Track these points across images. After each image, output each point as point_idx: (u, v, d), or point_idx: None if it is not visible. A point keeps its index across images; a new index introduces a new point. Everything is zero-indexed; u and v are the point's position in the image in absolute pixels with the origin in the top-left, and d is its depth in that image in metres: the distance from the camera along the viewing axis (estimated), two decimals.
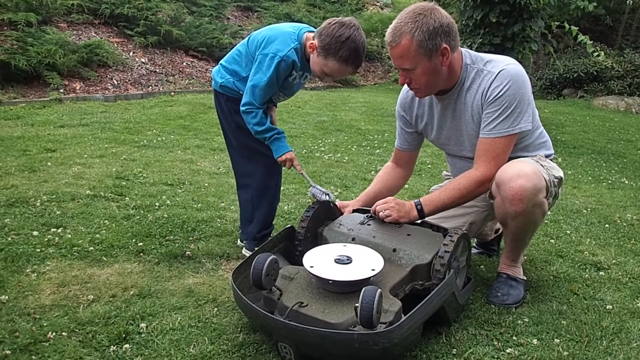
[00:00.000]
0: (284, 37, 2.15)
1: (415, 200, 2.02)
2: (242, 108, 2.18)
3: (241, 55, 2.26)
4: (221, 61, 2.35)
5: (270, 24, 2.46)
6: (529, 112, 1.96)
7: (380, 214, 2.01)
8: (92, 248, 2.35)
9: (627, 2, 10.81)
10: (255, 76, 2.15)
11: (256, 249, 2.35)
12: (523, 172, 1.88)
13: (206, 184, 3.45)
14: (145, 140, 4.51)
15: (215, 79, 2.33)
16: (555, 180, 2.09)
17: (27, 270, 2.11)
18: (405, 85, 2.07)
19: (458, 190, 1.99)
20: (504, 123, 1.93)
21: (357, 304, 1.47)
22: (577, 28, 6.45)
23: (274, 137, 2.21)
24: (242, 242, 2.51)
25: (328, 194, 2.17)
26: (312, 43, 2.10)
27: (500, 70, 1.95)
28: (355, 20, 2.10)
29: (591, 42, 6.54)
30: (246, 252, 2.41)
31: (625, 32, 12.37)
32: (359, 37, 2.05)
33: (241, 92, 2.25)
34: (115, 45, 7.34)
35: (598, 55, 6.68)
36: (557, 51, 11.01)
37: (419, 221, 2.05)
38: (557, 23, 6.65)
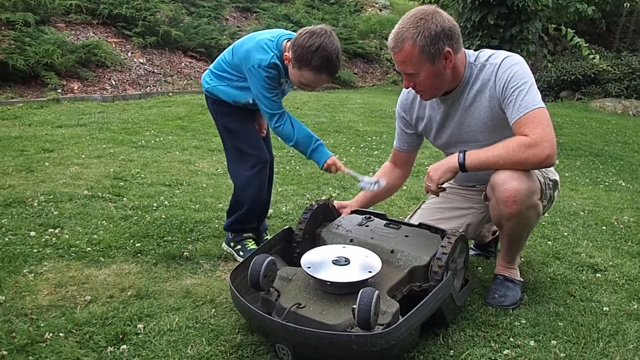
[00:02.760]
0: (263, 46, 2.16)
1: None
2: (271, 126, 2.21)
3: (227, 64, 2.29)
4: (210, 66, 2.39)
5: (269, 25, 2.49)
6: (538, 93, 1.92)
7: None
8: (89, 249, 2.34)
9: (625, 5, 10.84)
10: (254, 89, 2.17)
11: (239, 245, 2.40)
12: (517, 174, 1.88)
13: (204, 185, 3.44)
14: (143, 141, 4.50)
15: (203, 84, 2.38)
16: (550, 182, 2.09)
17: (25, 271, 2.10)
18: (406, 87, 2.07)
19: (504, 148, 1.86)
20: (528, 97, 1.87)
21: (354, 306, 1.48)
22: (574, 31, 6.46)
23: (311, 150, 2.20)
24: None
25: (378, 182, 2.11)
26: (286, 55, 2.11)
27: (503, 58, 1.95)
28: (327, 27, 2.09)
29: (587, 44, 6.56)
30: (224, 246, 2.44)
31: (623, 35, 12.41)
32: (330, 45, 2.04)
33: (223, 99, 2.30)
34: (114, 45, 7.34)
35: (593, 58, 6.70)
36: (554, 54, 11.05)
37: (416, 224, 2.06)
38: (555, 26, 6.67)
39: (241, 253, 2.36)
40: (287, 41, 2.16)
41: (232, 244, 2.41)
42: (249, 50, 2.17)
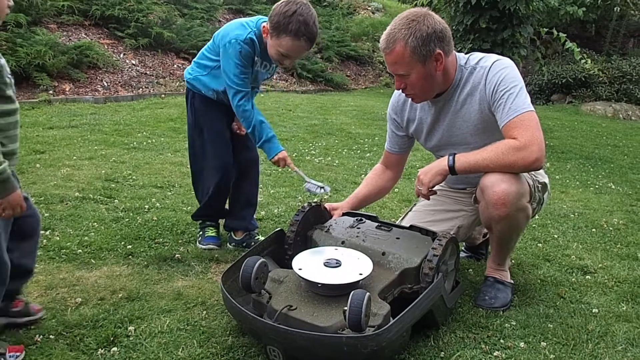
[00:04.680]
0: (242, 23, 2.25)
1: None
2: (234, 103, 2.23)
3: (208, 50, 2.37)
4: (194, 59, 2.47)
5: None
6: (528, 96, 1.94)
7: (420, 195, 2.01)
8: (80, 250, 2.33)
9: (615, 9, 10.94)
10: (225, 64, 2.23)
11: (200, 232, 2.52)
12: (506, 177, 1.89)
13: None
14: (135, 143, 4.49)
15: (185, 75, 2.44)
16: (539, 185, 2.11)
17: None
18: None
19: (493, 151, 1.87)
20: (517, 100, 1.88)
21: (345, 308, 1.48)
22: (565, 35, 6.52)
23: (265, 139, 2.25)
24: (229, 244, 2.53)
25: (323, 187, 2.15)
26: (264, 26, 2.18)
27: (493, 62, 1.97)
28: None
29: (579, 49, 6.62)
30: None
31: (613, 39, 12.53)
32: (306, 10, 2.11)
33: (204, 93, 2.36)
34: (106, 46, 7.31)
35: (585, 63, 6.75)
36: (545, 57, 11.13)
37: (407, 226, 2.06)
38: (546, 29, 6.72)
39: (199, 238, 2.49)
40: (266, 23, 2.22)
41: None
42: (226, 28, 2.26)
